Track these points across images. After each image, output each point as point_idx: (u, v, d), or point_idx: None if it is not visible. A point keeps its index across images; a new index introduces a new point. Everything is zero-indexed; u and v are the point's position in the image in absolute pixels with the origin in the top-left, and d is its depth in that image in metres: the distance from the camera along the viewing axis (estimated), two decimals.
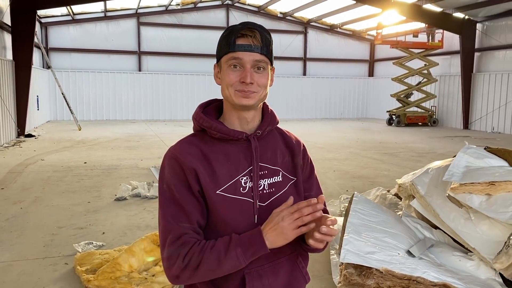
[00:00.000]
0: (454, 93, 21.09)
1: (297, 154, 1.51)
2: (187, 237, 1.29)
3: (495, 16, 18.34)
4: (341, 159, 10.86)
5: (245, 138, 1.39)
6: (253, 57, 1.34)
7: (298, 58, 26.25)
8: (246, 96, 1.34)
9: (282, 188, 1.43)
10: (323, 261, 4.35)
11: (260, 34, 1.36)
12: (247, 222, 1.35)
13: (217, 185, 1.34)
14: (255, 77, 1.34)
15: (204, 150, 1.37)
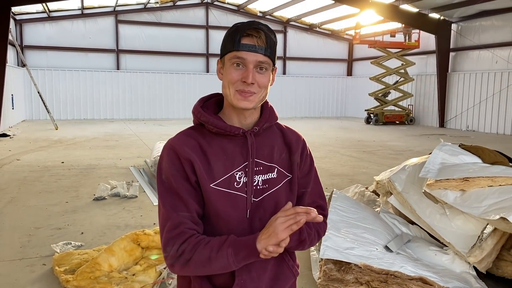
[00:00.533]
0: (430, 92, 21.52)
1: (294, 151, 1.51)
2: (184, 227, 1.30)
3: (469, 17, 18.80)
4: (320, 157, 10.96)
5: (242, 134, 1.41)
6: (256, 57, 1.34)
7: (278, 57, 26.17)
8: (245, 98, 1.36)
9: (276, 184, 1.45)
10: (303, 257, 4.40)
11: (266, 35, 1.36)
12: (239, 216, 1.39)
13: (212, 178, 1.37)
14: (257, 78, 1.35)
15: (201, 144, 1.40)
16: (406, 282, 3.28)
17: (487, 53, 18.42)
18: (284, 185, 1.47)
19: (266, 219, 1.33)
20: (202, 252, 1.27)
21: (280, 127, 1.55)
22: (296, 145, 1.52)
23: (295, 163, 1.50)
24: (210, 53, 24.75)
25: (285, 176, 1.47)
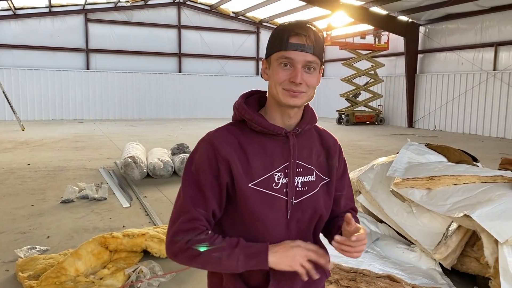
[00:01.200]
0: (399, 93, 22.01)
1: (332, 155, 1.50)
2: (198, 223, 1.31)
3: (436, 20, 19.32)
4: None
5: (284, 134, 1.39)
6: (305, 57, 1.31)
7: (251, 57, 26.39)
8: (294, 95, 1.33)
9: (314, 187, 1.43)
10: None
11: (314, 34, 1.33)
12: (277, 218, 1.38)
13: (250, 178, 1.34)
14: (305, 77, 1.32)
15: (241, 141, 1.36)
16: (374, 280, 3.34)
17: (453, 55, 18.98)
18: (321, 188, 1.45)
19: (304, 222, 1.43)
20: (213, 251, 1.28)
21: (318, 130, 1.53)
22: (334, 149, 1.52)
23: (333, 167, 1.49)
24: (182, 52, 24.55)
25: (322, 180, 1.46)
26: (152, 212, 5.95)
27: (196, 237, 1.29)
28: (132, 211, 6.08)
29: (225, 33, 25.44)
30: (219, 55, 25.29)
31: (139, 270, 3.76)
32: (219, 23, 25.30)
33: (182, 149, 9.08)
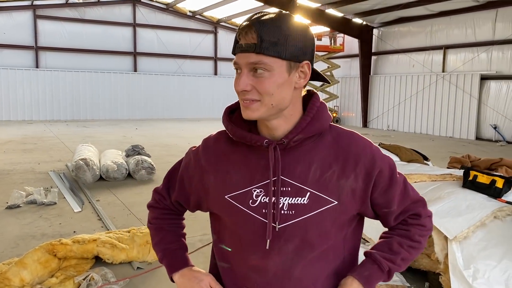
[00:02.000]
0: (354, 94, 22.56)
1: (349, 171, 1.19)
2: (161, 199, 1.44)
3: (389, 23, 19.95)
4: None
5: (266, 145, 1.18)
6: (247, 59, 1.12)
7: (209, 57, 26.19)
8: (246, 106, 1.15)
9: (305, 212, 1.17)
10: None
11: (258, 28, 1.09)
12: (253, 240, 1.22)
13: (227, 189, 1.24)
14: (253, 82, 1.12)
15: (226, 150, 1.27)
16: None
17: (405, 57, 19.67)
18: (321, 214, 1.17)
19: (287, 253, 1.20)
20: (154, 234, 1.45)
21: (336, 135, 1.23)
22: (354, 164, 1.19)
23: (346, 187, 1.18)
24: (138, 51, 23.99)
25: (323, 203, 1.17)
26: (104, 216, 5.74)
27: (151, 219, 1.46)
28: (83, 216, 5.83)
29: (182, 32, 25.10)
30: (176, 55, 24.92)
31: (90, 278, 3.60)
32: (176, 22, 24.93)
33: (137, 150, 8.85)
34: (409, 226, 1.30)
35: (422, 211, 1.31)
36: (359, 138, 1.25)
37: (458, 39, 17.24)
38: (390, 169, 1.25)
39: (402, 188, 1.27)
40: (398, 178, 1.26)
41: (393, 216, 1.28)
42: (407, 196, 1.28)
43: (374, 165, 1.21)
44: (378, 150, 1.26)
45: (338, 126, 1.27)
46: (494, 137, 16.11)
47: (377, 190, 1.22)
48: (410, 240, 1.28)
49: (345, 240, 1.27)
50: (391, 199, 1.24)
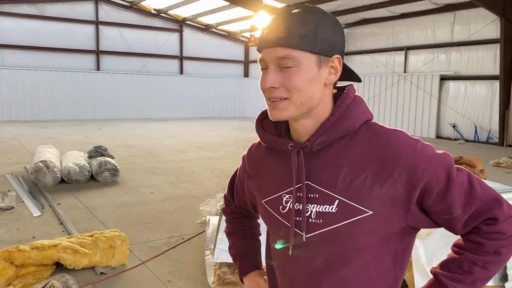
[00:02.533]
0: None
1: (385, 178, 1.03)
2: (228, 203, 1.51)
3: (353, 24, 20.32)
4: (218, 158, 10.96)
5: (291, 149, 1.11)
6: (274, 53, 1.03)
7: (175, 56, 25.85)
8: (273, 106, 1.06)
9: (333, 222, 1.06)
10: (198, 262, 4.30)
11: (286, 21, 1.02)
12: (284, 249, 1.17)
13: (264, 194, 1.24)
14: (281, 78, 1.03)
15: (264, 154, 1.26)
16: None
17: (368, 58, 20.09)
18: (353, 224, 1.04)
19: (316, 264, 1.10)
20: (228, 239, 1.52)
21: (372, 135, 1.08)
22: (391, 168, 1.03)
23: (384, 196, 1.03)
24: (100, 50, 23.38)
25: (355, 212, 1.04)
26: (66, 220, 5.54)
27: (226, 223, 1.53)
28: (43, 220, 5.61)
29: (146, 31, 24.64)
30: (140, 53, 24.46)
31: (50, 285, 3.46)
32: (140, 20, 24.45)
33: (100, 151, 8.61)
34: (483, 236, 1.06)
35: (499, 213, 1.05)
36: (400, 136, 1.06)
37: (419, 40, 17.77)
38: (445, 169, 1.04)
39: (466, 187, 1.05)
40: (458, 177, 1.05)
41: (459, 222, 1.07)
42: (474, 197, 1.05)
43: (418, 168, 1.02)
44: (426, 149, 1.05)
45: (378, 124, 1.10)
46: (453, 135, 16.70)
47: (431, 196, 1.03)
48: (486, 254, 1.06)
49: (396, 258, 1.10)
50: (451, 203, 1.04)
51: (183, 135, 16.00)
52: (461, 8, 15.61)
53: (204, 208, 5.82)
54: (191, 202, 6.59)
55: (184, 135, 15.99)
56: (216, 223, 4.54)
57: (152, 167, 9.48)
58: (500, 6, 13.76)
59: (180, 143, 13.64)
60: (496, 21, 14.35)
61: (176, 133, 16.62)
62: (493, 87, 15.18)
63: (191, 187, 7.69)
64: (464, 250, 1.09)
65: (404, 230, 1.08)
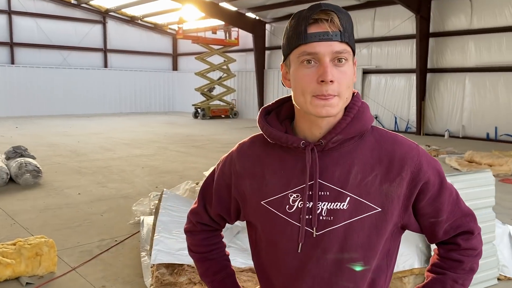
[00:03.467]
0: (251, 88, 23.05)
1: (393, 175, 1.09)
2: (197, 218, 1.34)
3: (280, 19, 20.67)
4: (149, 155, 10.65)
5: (303, 146, 1.10)
6: (332, 47, 1.03)
7: (98, 49, 24.65)
8: (326, 102, 1.04)
9: (344, 218, 1.08)
10: (133, 264, 4.16)
11: (339, 17, 1.04)
12: (289, 248, 1.13)
13: (263, 195, 1.16)
14: (336, 74, 1.03)
15: (261, 154, 1.19)
16: (237, 274, 3.37)
17: None
18: (363, 221, 1.08)
19: (326, 265, 1.10)
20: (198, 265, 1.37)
21: (379, 137, 1.14)
22: (399, 168, 1.09)
23: (391, 193, 1.09)
24: (14, 42, 21.67)
25: (365, 209, 1.08)
26: None
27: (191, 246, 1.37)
28: None
29: (66, 22, 23.21)
30: (60, 46, 23.01)
31: None
32: (58, 11, 22.97)
33: (19, 152, 7.99)
34: (462, 253, 1.18)
35: (474, 227, 1.18)
36: (405, 140, 1.14)
37: None
38: (439, 175, 1.13)
39: (454, 197, 1.16)
40: (448, 184, 1.15)
41: (442, 227, 1.15)
42: (458, 207, 1.17)
43: (421, 170, 1.10)
44: (426, 153, 1.14)
45: (381, 128, 1.17)
46: None
47: (425, 198, 1.11)
48: (464, 272, 1.18)
49: (388, 256, 1.16)
50: (440, 207, 1.13)
51: (110, 132, 15.34)
52: (381, 5, 16.50)
53: (137, 208, 5.63)
54: (122, 202, 6.35)
55: (111, 132, 15.35)
56: (151, 223, 4.42)
57: (78, 166, 8.99)
58: (416, 4, 14.73)
59: (107, 141, 13.07)
60: (412, 18, 15.35)
61: (103, 130, 15.90)
62: (411, 80, 16.26)
63: (121, 186, 7.40)
64: (446, 269, 1.19)
65: (397, 229, 1.15)
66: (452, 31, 15.04)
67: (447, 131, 15.21)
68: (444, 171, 1.17)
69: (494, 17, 13.97)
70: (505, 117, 13.92)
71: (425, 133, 15.83)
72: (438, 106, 15.69)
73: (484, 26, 14.20)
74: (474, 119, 14.77)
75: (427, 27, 15.24)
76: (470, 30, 14.57)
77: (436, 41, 15.50)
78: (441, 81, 15.59)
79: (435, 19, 15.38)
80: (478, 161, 9.42)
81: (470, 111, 14.85)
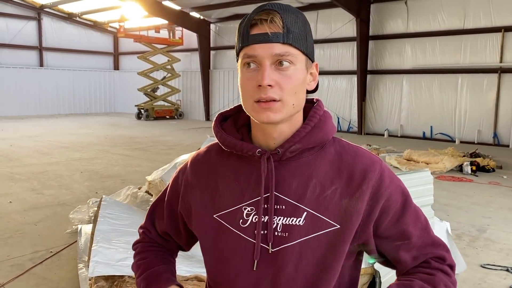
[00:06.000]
0: (196, 88, 22.76)
1: (353, 191, 1.01)
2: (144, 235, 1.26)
3: (226, 19, 20.58)
4: (89, 159, 10.16)
5: (258, 155, 1.02)
6: (271, 49, 0.95)
7: (33, 47, 23.29)
8: (266, 107, 0.96)
9: (299, 235, 1.00)
10: (70, 277, 3.90)
11: (282, 16, 0.96)
12: (242, 265, 1.03)
13: (216, 208, 1.07)
14: (277, 77, 0.95)
15: (217, 163, 1.11)
16: (182, 283, 3.24)
17: None
18: (319, 238, 1.00)
19: (280, 280, 1.00)
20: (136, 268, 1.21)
21: (340, 149, 1.06)
22: (359, 181, 1.01)
23: (350, 209, 1.00)
24: None
25: (322, 226, 1.00)
26: None
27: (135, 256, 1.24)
28: None
29: None
30: None
31: None
32: None
33: None
34: (433, 270, 1.04)
35: (448, 256, 1.06)
36: (367, 153, 1.07)
37: None
38: (403, 193, 1.06)
39: (422, 221, 1.07)
40: (413, 205, 1.07)
41: (410, 252, 1.04)
42: (427, 232, 1.06)
43: (382, 185, 1.02)
44: (388, 169, 1.07)
45: (343, 140, 1.10)
46: None
47: (388, 217, 1.02)
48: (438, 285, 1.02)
49: (341, 276, 1.05)
50: (405, 228, 1.03)
51: (46, 135, 14.51)
52: (323, 7, 16.88)
53: (74, 216, 5.31)
54: (59, 210, 5.97)
55: (48, 135, 14.52)
56: (89, 232, 4.18)
57: (10, 172, 8.38)
58: (356, 7, 15.21)
59: (43, 144, 12.33)
60: (353, 21, 15.84)
61: (38, 133, 15.00)
62: (352, 81, 16.78)
63: (59, 193, 6.97)
64: (416, 279, 1.03)
65: (354, 248, 1.05)
66: (390, 34, 15.70)
67: (387, 130, 15.85)
68: None
69: (428, 22, 14.74)
70: (439, 117, 14.73)
71: (366, 132, 16.41)
72: (378, 106, 16.31)
73: (420, 30, 14.94)
74: (411, 118, 15.50)
75: (367, 30, 15.79)
76: (406, 34, 15.28)
77: (376, 44, 16.11)
78: (380, 82, 16.22)
79: (374, 23, 15.98)
80: (416, 159, 9.86)
81: (408, 111, 15.58)
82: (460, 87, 14.31)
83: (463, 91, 14.27)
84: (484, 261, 4.41)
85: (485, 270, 4.20)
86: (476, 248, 4.83)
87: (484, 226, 5.60)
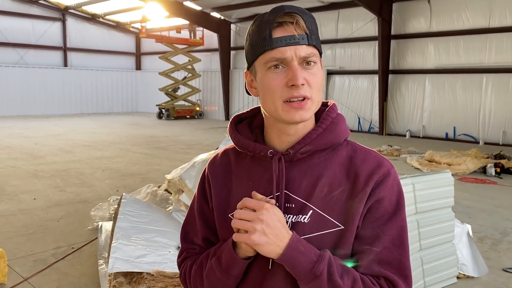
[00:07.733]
0: (216, 88, 22.87)
1: (357, 191, 1.02)
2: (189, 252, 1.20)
3: (246, 19, 20.61)
4: (110, 157, 10.33)
5: (270, 155, 1.06)
6: (299, 51, 0.99)
7: (57, 47, 23.81)
8: (299, 107, 0.99)
9: (303, 232, 1.01)
10: (90, 273, 3.97)
11: (304, 19, 1.00)
12: (258, 263, 1.05)
13: (231, 206, 1.11)
14: (307, 76, 0.99)
15: (232, 164, 1.16)
16: None
17: None
18: (322, 237, 1.01)
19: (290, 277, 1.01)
20: (197, 271, 1.13)
21: (352, 152, 1.08)
22: (364, 183, 1.02)
23: (353, 210, 1.01)
24: None
25: (328, 225, 1.01)
26: None
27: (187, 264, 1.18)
28: None
29: (23, 19, 22.29)
30: (16, 43, 22.07)
31: None
32: (14, 7, 22.02)
33: None
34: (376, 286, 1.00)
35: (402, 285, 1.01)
36: (378, 157, 1.07)
37: None
38: (397, 204, 1.04)
39: (403, 239, 1.04)
40: (402, 222, 1.04)
41: (369, 258, 1.01)
42: (400, 253, 1.02)
43: (380, 186, 1.02)
44: (396, 177, 1.06)
45: (356, 143, 1.11)
46: None
47: (370, 218, 1.02)
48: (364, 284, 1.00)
49: None
50: (381, 236, 1.02)
51: (69, 133, 14.82)
52: (345, 7, 16.73)
53: (95, 213, 5.41)
54: (81, 207, 6.10)
55: (71, 133, 14.82)
56: (109, 229, 4.25)
57: (35, 170, 8.59)
58: (378, 6, 15.03)
59: (66, 142, 12.60)
60: (374, 20, 15.65)
61: (62, 131, 15.34)
62: (373, 81, 16.58)
63: (80, 190, 7.12)
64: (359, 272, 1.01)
65: None
66: (413, 33, 15.44)
67: (408, 131, 15.61)
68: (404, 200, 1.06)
69: (452, 20, 14.45)
70: (462, 118, 14.42)
71: (387, 133, 16.19)
72: (400, 106, 16.07)
73: (443, 29, 14.66)
74: (433, 119, 15.22)
75: (388, 29, 15.58)
76: (429, 33, 15.01)
77: (398, 43, 15.88)
78: (402, 82, 15.98)
79: (396, 22, 15.75)
80: (438, 160, 9.69)
81: (430, 111, 15.30)
82: (484, 87, 13.98)
83: (487, 91, 13.94)
84: (506, 265, 4.30)
85: (508, 274, 4.10)
86: (498, 251, 4.71)
87: (508, 229, 5.46)
